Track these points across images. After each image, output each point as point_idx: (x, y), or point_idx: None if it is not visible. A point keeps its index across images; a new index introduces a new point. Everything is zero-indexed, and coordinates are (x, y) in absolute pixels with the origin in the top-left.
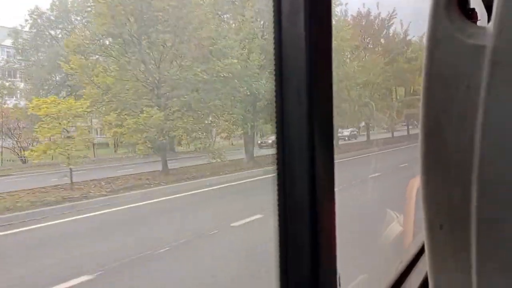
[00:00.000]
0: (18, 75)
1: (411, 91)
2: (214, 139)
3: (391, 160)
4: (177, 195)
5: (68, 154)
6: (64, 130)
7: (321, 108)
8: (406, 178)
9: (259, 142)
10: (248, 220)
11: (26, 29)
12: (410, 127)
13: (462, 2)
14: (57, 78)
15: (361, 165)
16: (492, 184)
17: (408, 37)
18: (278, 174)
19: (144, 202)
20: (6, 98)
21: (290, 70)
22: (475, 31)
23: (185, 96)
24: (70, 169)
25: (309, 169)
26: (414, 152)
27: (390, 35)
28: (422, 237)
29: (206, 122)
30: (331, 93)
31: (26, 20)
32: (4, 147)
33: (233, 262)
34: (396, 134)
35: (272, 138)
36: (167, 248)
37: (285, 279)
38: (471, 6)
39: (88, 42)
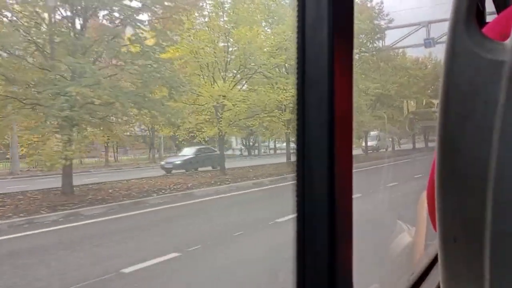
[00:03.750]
0: None
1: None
2: None
3: None
4: None
5: None
6: None
7: (341, 115)
8: None
9: None
10: None
11: None
12: None
13: (478, 17)
14: None
15: None
16: (508, 197)
17: None
18: (297, 180)
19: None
20: None
21: (312, 77)
22: (494, 47)
23: None
24: None
25: (328, 175)
26: None
27: None
28: (434, 248)
29: None
30: (352, 99)
31: None
32: None
33: None
34: None
35: None
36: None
37: (302, 286)
38: (487, 21)
39: None
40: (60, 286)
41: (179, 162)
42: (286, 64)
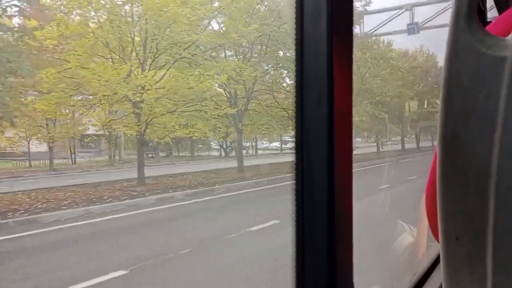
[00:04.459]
0: None
1: None
2: None
3: None
4: None
5: None
6: None
7: (341, 112)
8: None
9: None
10: None
11: None
12: None
13: (480, 15)
14: None
15: None
16: (510, 195)
17: None
18: (296, 179)
19: None
20: None
21: (311, 74)
22: (495, 42)
23: None
24: None
25: (327, 173)
26: None
27: None
28: (436, 249)
29: None
30: (351, 96)
31: None
32: None
33: None
34: None
35: None
36: None
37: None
38: (488, 20)
39: None
40: None
41: None
42: (222, 42)
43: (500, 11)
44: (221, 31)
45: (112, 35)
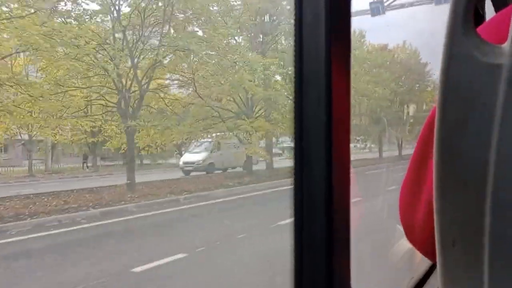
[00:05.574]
0: None
1: None
2: None
3: None
4: None
5: None
6: None
7: (339, 114)
8: None
9: None
10: None
11: None
12: None
13: (479, 21)
14: None
15: None
16: (507, 201)
17: None
18: (295, 179)
19: None
20: None
21: (310, 76)
22: (491, 50)
23: None
24: None
25: (326, 176)
26: None
27: None
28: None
29: None
30: (349, 99)
31: None
32: None
33: None
34: None
35: None
36: None
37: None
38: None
39: None
40: None
41: None
42: None
43: (497, 11)
44: None
45: None
